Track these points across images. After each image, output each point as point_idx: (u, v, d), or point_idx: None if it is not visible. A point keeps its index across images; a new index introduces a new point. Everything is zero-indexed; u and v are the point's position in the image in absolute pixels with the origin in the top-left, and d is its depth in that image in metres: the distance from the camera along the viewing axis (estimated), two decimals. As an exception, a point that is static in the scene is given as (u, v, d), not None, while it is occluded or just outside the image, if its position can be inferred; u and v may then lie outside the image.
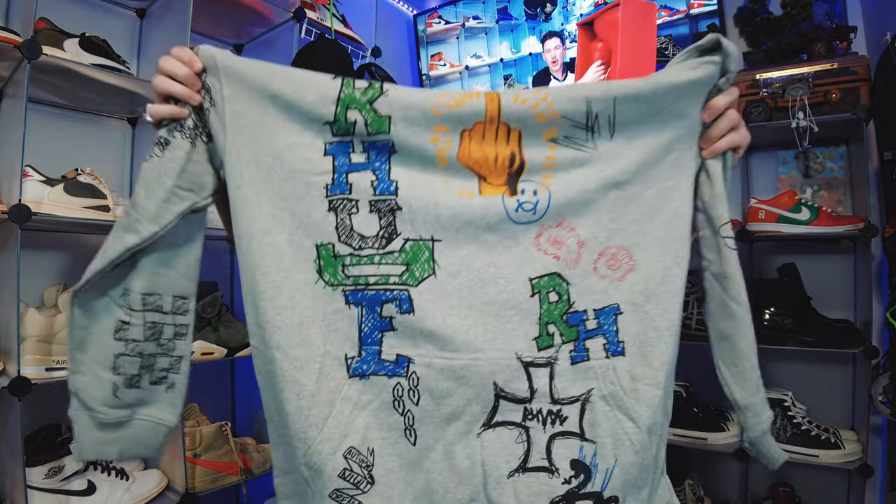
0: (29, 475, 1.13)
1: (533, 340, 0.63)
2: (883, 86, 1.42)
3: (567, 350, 0.64)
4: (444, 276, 0.63)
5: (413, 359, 0.63)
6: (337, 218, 0.63)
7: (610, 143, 0.63)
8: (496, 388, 0.63)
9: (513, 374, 0.63)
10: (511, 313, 0.63)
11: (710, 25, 1.93)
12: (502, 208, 0.62)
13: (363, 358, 0.64)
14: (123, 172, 1.57)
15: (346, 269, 0.63)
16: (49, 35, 1.23)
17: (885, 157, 1.51)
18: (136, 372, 0.66)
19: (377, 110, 0.61)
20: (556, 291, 0.64)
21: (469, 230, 0.63)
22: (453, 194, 0.62)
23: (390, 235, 0.63)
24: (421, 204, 0.62)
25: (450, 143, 0.62)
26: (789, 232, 1.56)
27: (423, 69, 2.58)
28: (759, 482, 1.75)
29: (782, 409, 1.57)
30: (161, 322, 0.67)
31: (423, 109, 0.61)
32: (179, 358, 0.70)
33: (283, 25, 1.73)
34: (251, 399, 1.79)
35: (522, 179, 0.63)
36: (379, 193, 0.62)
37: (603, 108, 0.62)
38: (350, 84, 0.62)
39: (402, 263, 0.63)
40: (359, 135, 0.62)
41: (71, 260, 1.47)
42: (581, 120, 0.62)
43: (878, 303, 1.59)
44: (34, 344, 1.17)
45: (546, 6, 2.27)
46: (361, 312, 0.63)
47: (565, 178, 0.63)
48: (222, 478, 1.45)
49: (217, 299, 1.51)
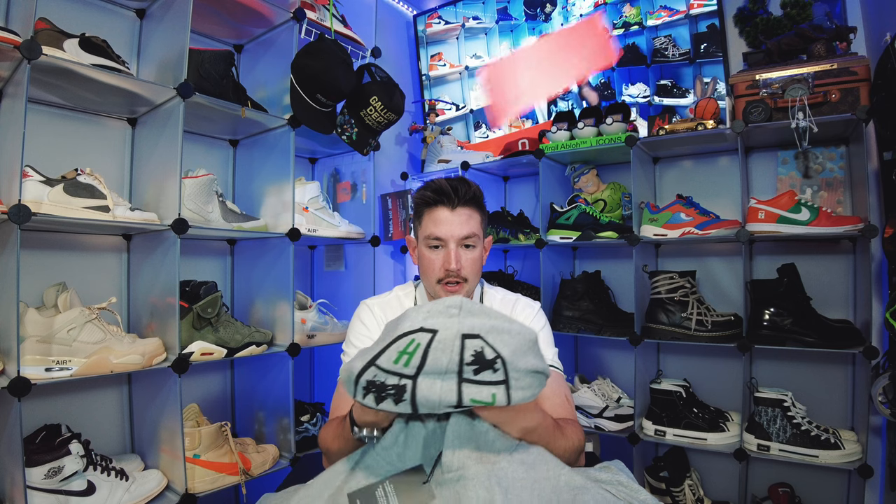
0: (28, 475, 1.13)
1: None
2: (883, 86, 1.43)
3: None
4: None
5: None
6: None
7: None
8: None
9: None
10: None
11: (710, 26, 1.93)
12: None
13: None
14: (123, 172, 1.57)
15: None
16: (49, 35, 1.23)
17: (884, 157, 1.52)
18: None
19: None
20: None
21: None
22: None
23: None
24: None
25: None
26: (789, 232, 1.56)
27: (422, 69, 2.58)
28: (759, 482, 1.75)
29: (782, 409, 1.57)
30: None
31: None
32: None
33: (283, 25, 1.73)
34: (251, 399, 1.79)
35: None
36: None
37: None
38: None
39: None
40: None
41: (71, 260, 1.47)
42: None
43: (878, 303, 1.59)
44: (34, 344, 1.17)
45: (546, 6, 2.27)
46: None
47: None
48: (222, 478, 1.45)
49: (217, 299, 1.51)
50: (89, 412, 1.46)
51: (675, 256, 2.00)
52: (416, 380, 0.74)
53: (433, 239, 1.16)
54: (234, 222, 1.60)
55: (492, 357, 0.74)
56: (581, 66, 2.05)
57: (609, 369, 2.11)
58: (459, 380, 0.74)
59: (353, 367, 0.75)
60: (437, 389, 0.74)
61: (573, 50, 2.22)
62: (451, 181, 1.17)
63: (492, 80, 2.41)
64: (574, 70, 2.04)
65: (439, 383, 0.74)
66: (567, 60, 2.22)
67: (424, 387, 0.74)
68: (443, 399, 0.74)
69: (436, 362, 0.73)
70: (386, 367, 0.75)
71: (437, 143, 2.29)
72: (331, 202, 2.04)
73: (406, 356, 0.74)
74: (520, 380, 0.75)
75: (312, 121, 1.70)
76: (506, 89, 2.38)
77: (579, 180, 2.07)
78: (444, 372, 0.74)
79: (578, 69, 2.01)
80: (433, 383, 0.74)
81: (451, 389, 0.74)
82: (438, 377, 0.74)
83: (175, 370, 1.35)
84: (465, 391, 0.74)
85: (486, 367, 0.74)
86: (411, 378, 0.74)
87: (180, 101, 1.39)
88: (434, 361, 0.73)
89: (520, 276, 2.24)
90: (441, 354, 0.73)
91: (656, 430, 1.74)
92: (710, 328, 1.66)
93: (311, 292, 2.16)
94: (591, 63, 2.14)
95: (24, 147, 1.13)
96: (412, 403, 0.74)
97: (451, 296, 1.16)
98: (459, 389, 0.74)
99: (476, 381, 0.74)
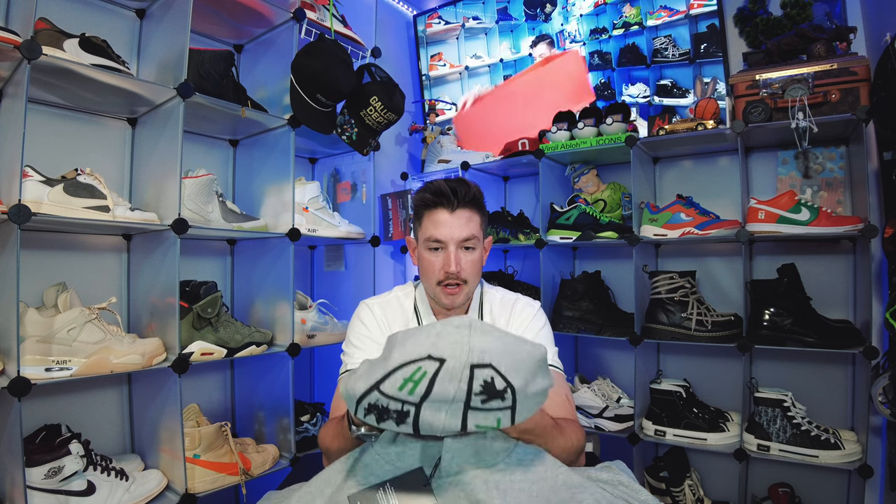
0: (28, 475, 1.13)
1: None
2: (883, 86, 1.43)
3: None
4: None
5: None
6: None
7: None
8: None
9: None
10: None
11: (710, 26, 1.93)
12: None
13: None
14: (123, 172, 1.57)
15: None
16: (49, 35, 1.23)
17: (884, 157, 1.52)
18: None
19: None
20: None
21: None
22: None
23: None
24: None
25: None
26: (789, 232, 1.56)
27: (422, 69, 2.58)
28: (759, 482, 1.75)
29: (782, 409, 1.57)
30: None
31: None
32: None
33: (283, 26, 1.73)
34: (251, 399, 1.79)
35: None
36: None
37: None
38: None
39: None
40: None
41: (71, 260, 1.47)
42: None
43: (878, 303, 1.59)
44: (34, 344, 1.17)
45: (546, 6, 2.27)
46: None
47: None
48: (222, 478, 1.45)
49: (217, 299, 1.51)
50: (89, 412, 1.46)
51: (675, 256, 2.00)
52: (419, 407, 0.72)
53: (433, 241, 1.16)
54: (234, 222, 1.60)
55: (502, 388, 0.71)
56: (558, 104, 2.08)
57: (609, 369, 2.11)
58: (466, 409, 0.72)
59: (355, 389, 0.73)
60: (442, 417, 0.72)
61: (549, 88, 2.24)
62: (450, 182, 1.16)
63: (464, 126, 2.45)
64: (550, 108, 2.08)
65: (444, 412, 0.72)
66: (543, 98, 2.24)
67: (428, 414, 0.72)
68: (447, 426, 0.72)
69: (443, 392, 0.70)
70: (390, 393, 0.71)
71: (437, 143, 2.29)
72: (331, 202, 2.04)
73: (411, 384, 0.70)
74: (526, 402, 0.73)
75: (312, 121, 1.70)
76: (479, 130, 2.42)
77: (579, 180, 2.07)
78: (450, 401, 0.71)
79: (555, 107, 2.04)
80: (437, 412, 0.72)
81: (455, 417, 0.72)
82: (444, 405, 0.72)
83: (175, 370, 1.35)
84: (470, 418, 0.72)
85: (496, 397, 0.71)
86: (415, 405, 0.72)
87: (180, 101, 1.39)
88: (441, 391, 0.70)
89: (520, 276, 2.24)
90: (448, 385, 0.70)
91: (656, 430, 1.74)
92: (710, 328, 1.66)
93: (311, 292, 2.16)
94: (568, 101, 2.16)
95: (24, 147, 1.13)
96: (414, 427, 0.73)
97: (452, 298, 1.17)
98: (465, 417, 0.72)
99: (483, 409, 0.72)
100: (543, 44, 2.29)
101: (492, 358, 0.70)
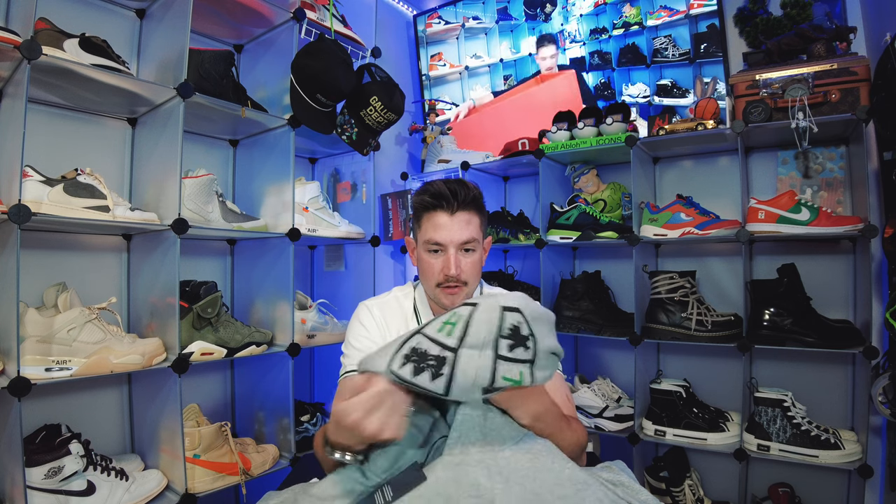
0: (28, 475, 1.13)
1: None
2: (883, 86, 1.43)
3: None
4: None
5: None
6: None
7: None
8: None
9: None
10: None
11: (710, 26, 1.93)
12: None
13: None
14: (123, 172, 1.57)
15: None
16: (49, 35, 1.23)
17: (884, 157, 1.52)
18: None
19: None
20: None
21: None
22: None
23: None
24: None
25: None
26: (789, 232, 1.56)
27: (422, 69, 2.58)
28: (759, 482, 1.75)
29: (782, 409, 1.57)
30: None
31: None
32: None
33: (283, 26, 1.73)
34: (251, 399, 1.79)
35: None
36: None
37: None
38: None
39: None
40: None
41: (71, 260, 1.47)
42: None
43: (878, 303, 1.59)
44: (34, 344, 1.17)
45: (546, 6, 2.27)
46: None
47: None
48: (222, 478, 1.45)
49: (217, 299, 1.51)
50: (89, 412, 1.46)
51: (675, 256, 2.00)
52: (457, 352, 0.77)
53: (432, 244, 1.15)
54: (234, 222, 1.60)
55: (526, 334, 0.78)
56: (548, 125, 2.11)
57: (609, 369, 2.11)
58: (495, 356, 0.76)
59: (394, 341, 0.80)
60: (475, 364, 0.76)
61: (540, 109, 2.26)
62: (449, 184, 1.15)
63: (464, 132, 2.47)
64: (540, 126, 2.10)
65: (476, 358, 0.76)
66: (533, 119, 2.26)
67: (464, 361, 0.76)
68: (478, 378, 0.76)
69: (476, 333, 0.77)
70: (431, 334, 0.79)
71: (437, 143, 2.29)
72: (331, 202, 2.04)
73: (449, 326, 0.79)
74: (542, 360, 0.79)
75: (312, 121, 1.70)
76: (478, 137, 2.45)
77: (579, 180, 2.07)
78: (482, 345, 0.77)
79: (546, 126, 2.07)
80: (472, 358, 0.76)
81: (486, 367, 0.76)
82: (477, 350, 0.77)
83: (175, 370, 1.35)
84: (498, 369, 0.76)
85: (520, 344, 0.78)
86: (453, 350, 0.77)
87: (180, 101, 1.39)
88: (475, 332, 0.77)
89: (520, 276, 2.24)
90: (482, 325, 0.77)
91: (656, 430, 1.74)
92: (710, 328, 1.66)
93: (311, 292, 2.16)
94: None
95: (24, 147, 1.13)
96: (448, 380, 0.76)
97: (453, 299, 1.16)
98: (494, 367, 0.76)
99: (508, 358, 0.77)
100: (551, 45, 2.28)
101: (518, 304, 0.80)
